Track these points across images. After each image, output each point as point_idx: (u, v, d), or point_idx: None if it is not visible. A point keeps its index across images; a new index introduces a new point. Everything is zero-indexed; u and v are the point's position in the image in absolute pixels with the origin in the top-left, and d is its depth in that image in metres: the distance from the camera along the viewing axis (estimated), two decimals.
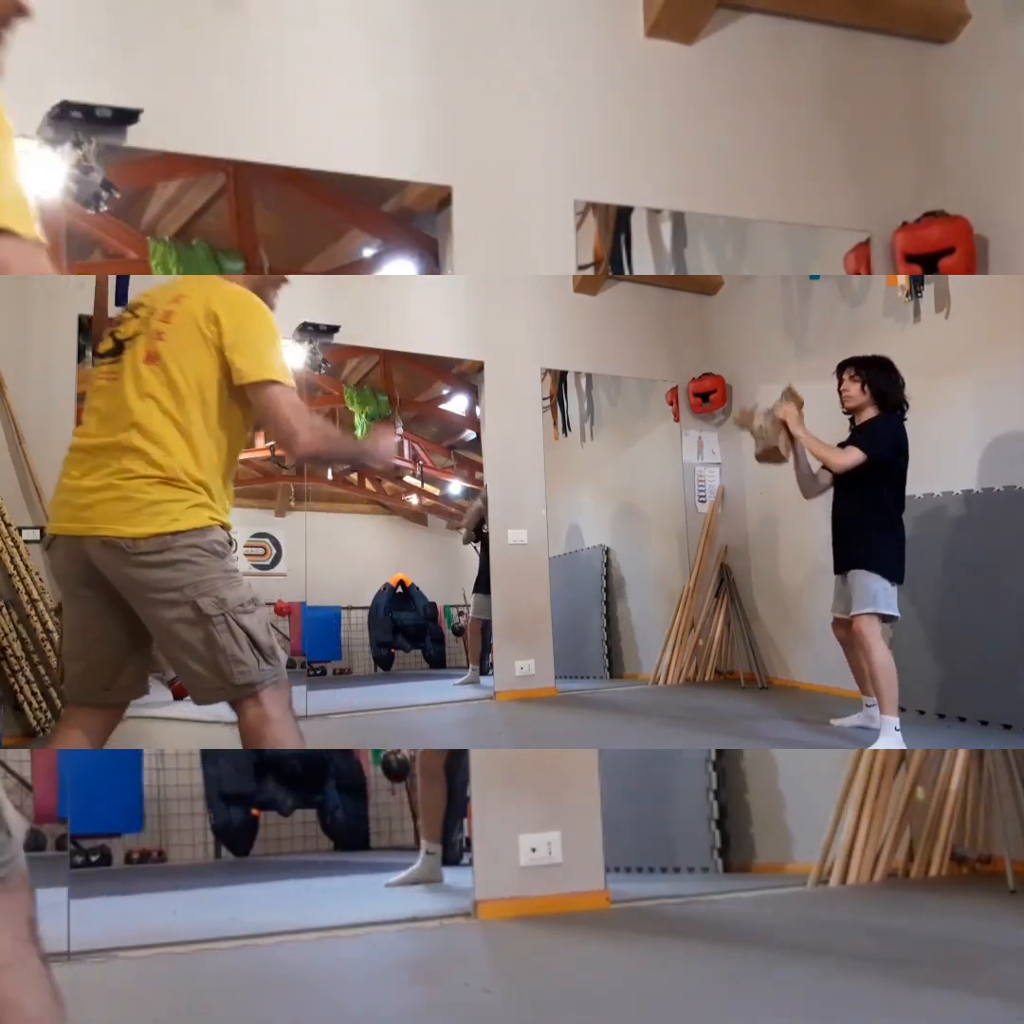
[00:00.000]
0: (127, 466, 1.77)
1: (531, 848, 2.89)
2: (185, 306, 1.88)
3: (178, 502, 1.77)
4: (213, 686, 1.77)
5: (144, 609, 1.79)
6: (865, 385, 3.29)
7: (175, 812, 5.28)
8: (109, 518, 1.75)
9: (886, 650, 3.11)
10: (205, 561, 1.76)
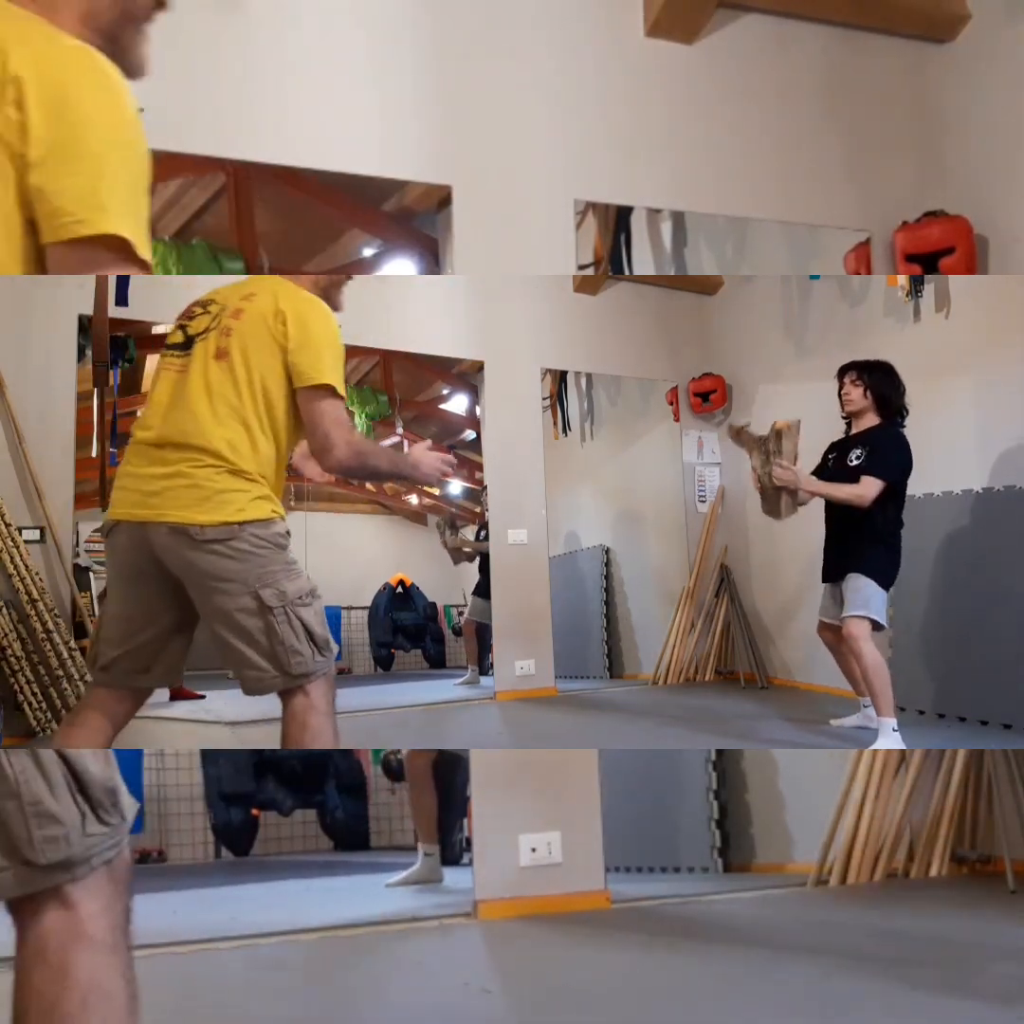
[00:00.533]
0: (195, 456, 1.80)
1: (531, 848, 2.89)
2: (255, 304, 1.91)
3: (244, 492, 1.81)
4: (268, 675, 1.80)
5: (204, 597, 1.82)
6: (867, 390, 3.28)
7: (175, 812, 5.29)
8: (178, 505, 1.78)
9: (876, 652, 3.10)
10: (268, 553, 1.81)
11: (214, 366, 1.87)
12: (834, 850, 3.33)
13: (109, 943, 0.95)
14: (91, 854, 0.95)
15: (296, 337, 1.87)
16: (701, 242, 3.61)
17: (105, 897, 0.96)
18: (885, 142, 3.57)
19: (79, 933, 0.93)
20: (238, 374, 1.85)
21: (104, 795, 0.97)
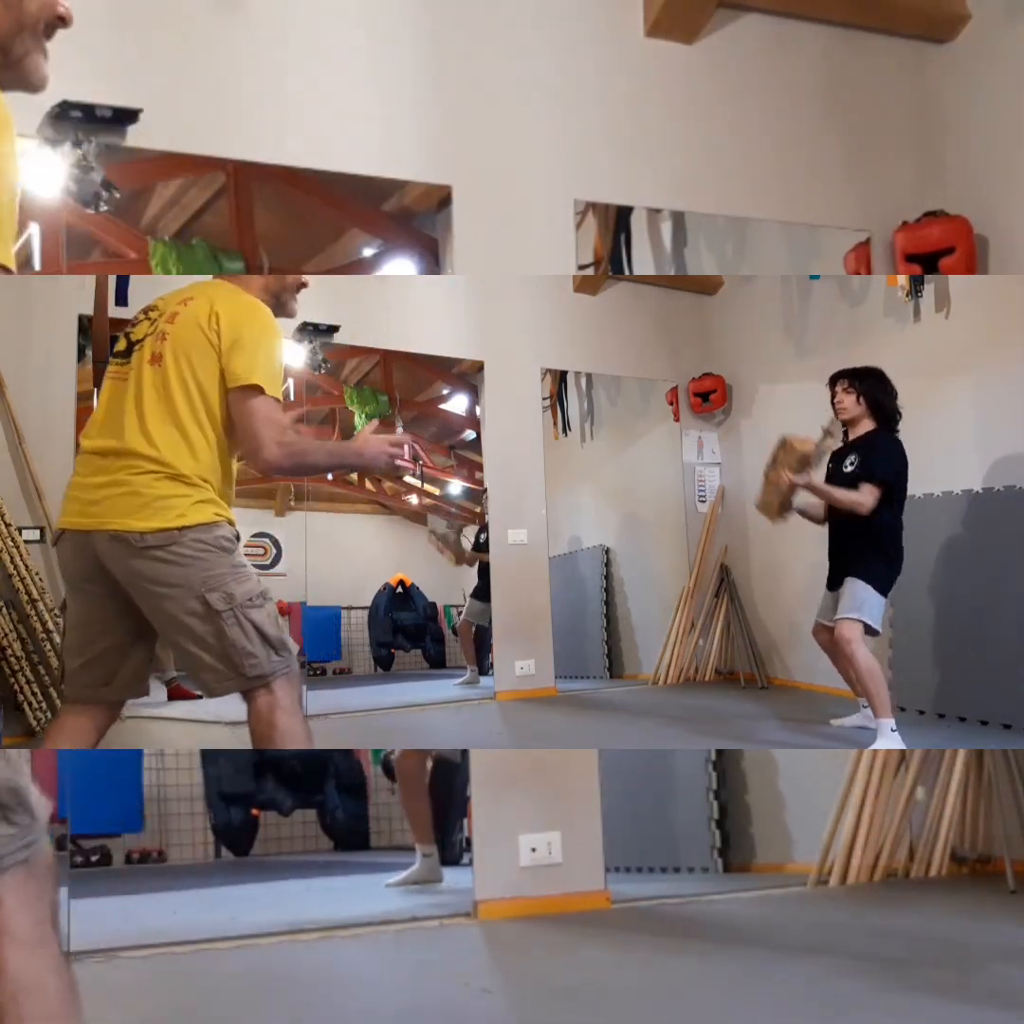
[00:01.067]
0: (133, 463, 1.79)
1: (531, 848, 2.89)
2: (190, 308, 1.90)
3: (184, 497, 1.79)
4: (224, 677, 1.78)
5: (150, 603, 1.80)
6: (860, 397, 3.28)
7: (175, 812, 5.28)
8: (117, 512, 1.77)
9: (869, 654, 3.10)
10: (212, 557, 1.78)
11: (148, 371, 1.85)
12: (834, 850, 3.33)
13: (34, 938, 0.95)
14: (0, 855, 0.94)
15: (228, 338, 1.84)
16: (701, 242, 3.61)
17: (26, 894, 0.95)
18: (885, 142, 3.57)
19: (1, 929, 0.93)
20: (171, 377, 1.83)
21: (6, 795, 0.96)
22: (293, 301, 2.10)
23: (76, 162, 2.58)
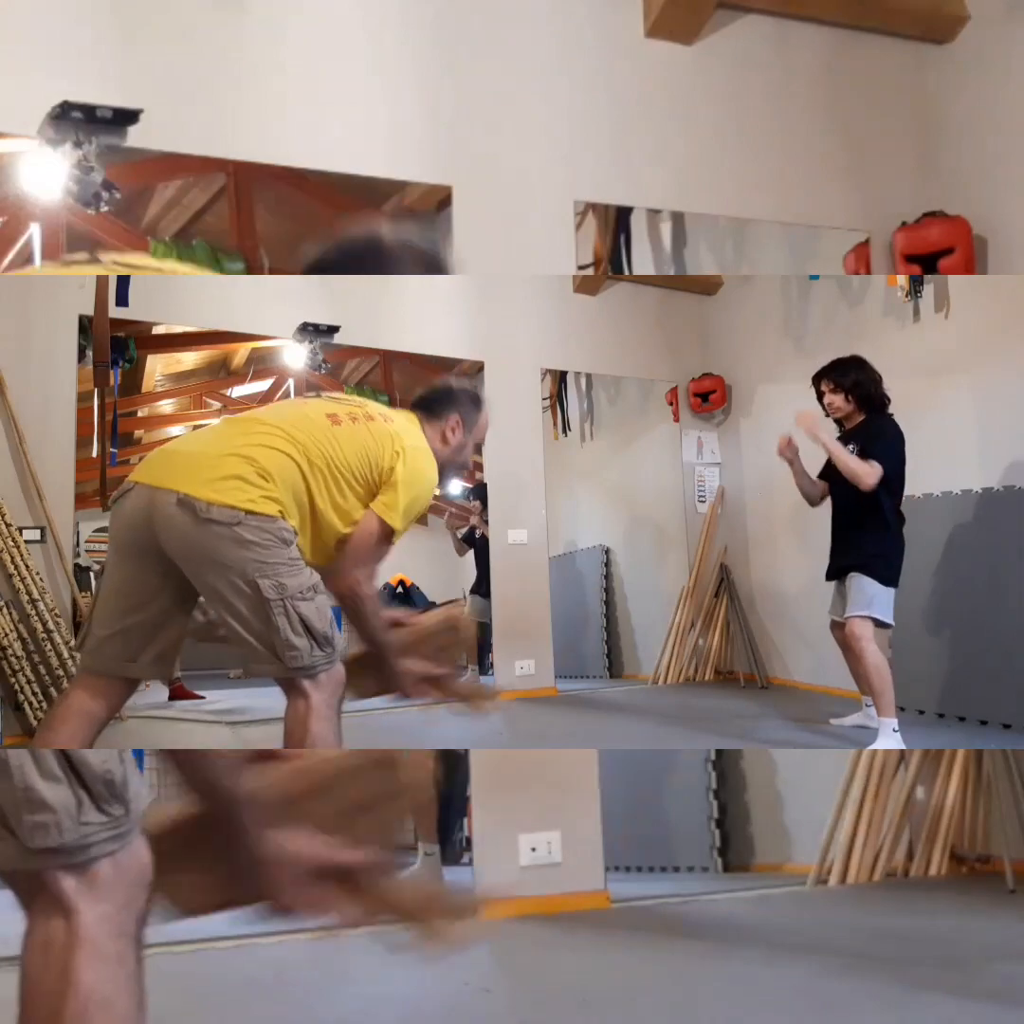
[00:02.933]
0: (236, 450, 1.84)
1: (531, 848, 2.90)
2: (388, 426, 2.04)
3: (259, 488, 1.82)
4: (265, 660, 1.79)
5: (200, 576, 1.80)
6: (847, 393, 3.28)
7: None
8: (191, 479, 1.79)
9: (878, 652, 3.10)
10: (271, 546, 1.80)
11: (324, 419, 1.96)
12: (833, 850, 3.33)
13: (113, 953, 0.95)
14: (88, 842, 0.94)
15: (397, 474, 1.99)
16: (701, 242, 3.62)
17: (111, 901, 0.95)
18: (885, 142, 3.57)
19: (80, 939, 0.92)
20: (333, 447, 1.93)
21: (102, 786, 0.96)
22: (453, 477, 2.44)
23: (77, 163, 2.58)
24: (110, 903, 0.95)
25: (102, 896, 0.95)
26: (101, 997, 0.93)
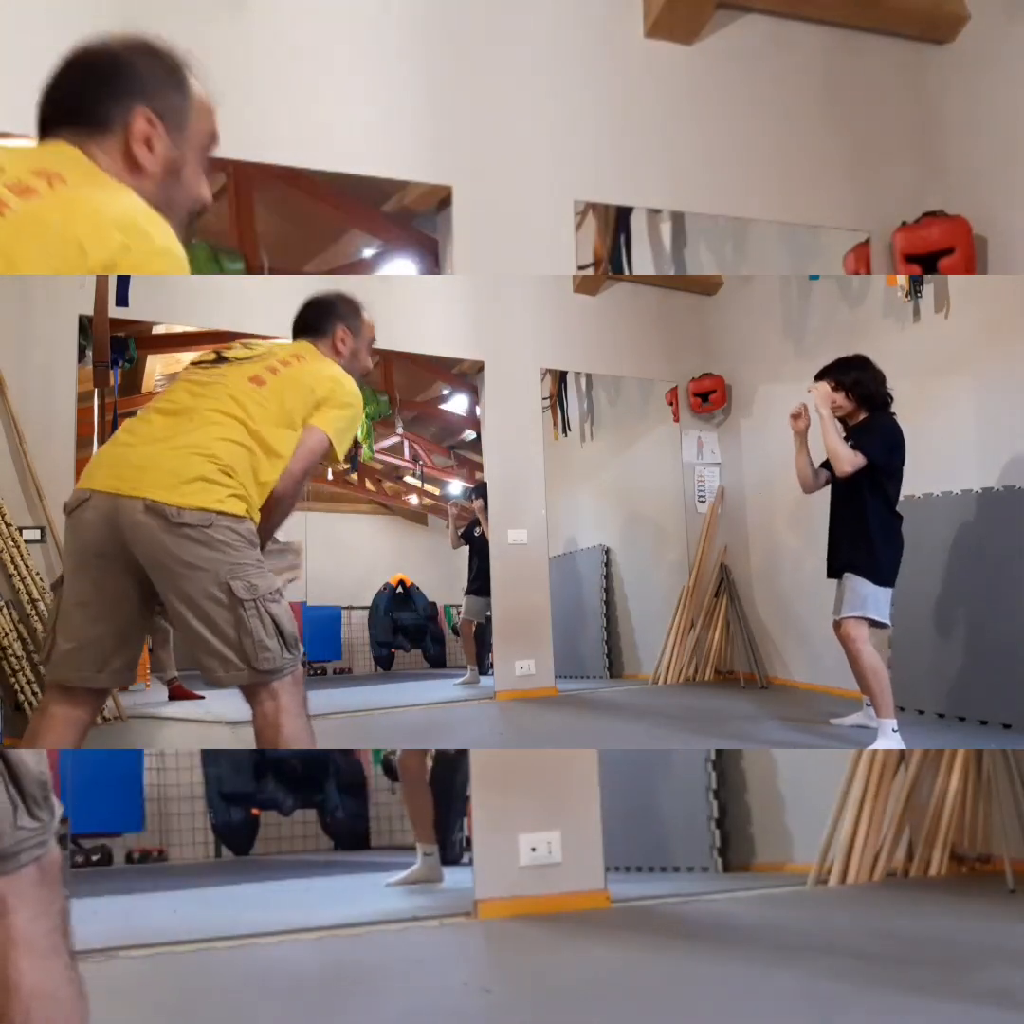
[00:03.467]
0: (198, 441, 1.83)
1: (531, 848, 2.90)
2: (304, 366, 2.06)
3: (225, 487, 1.81)
4: (234, 667, 1.78)
5: (171, 582, 1.78)
6: (848, 392, 3.27)
7: (175, 812, 5.29)
8: (158, 483, 1.76)
9: (874, 653, 3.10)
10: (241, 547, 1.80)
11: (245, 386, 1.94)
12: (834, 850, 3.33)
13: (48, 946, 0.95)
14: (20, 849, 0.94)
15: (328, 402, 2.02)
16: (701, 242, 3.62)
17: (39, 901, 0.95)
18: (884, 142, 3.57)
19: (16, 940, 0.92)
20: (271, 401, 1.94)
21: (36, 788, 0.96)
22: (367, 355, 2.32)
23: None
24: (38, 903, 0.95)
25: (30, 896, 0.95)
26: (44, 992, 0.93)
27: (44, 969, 0.94)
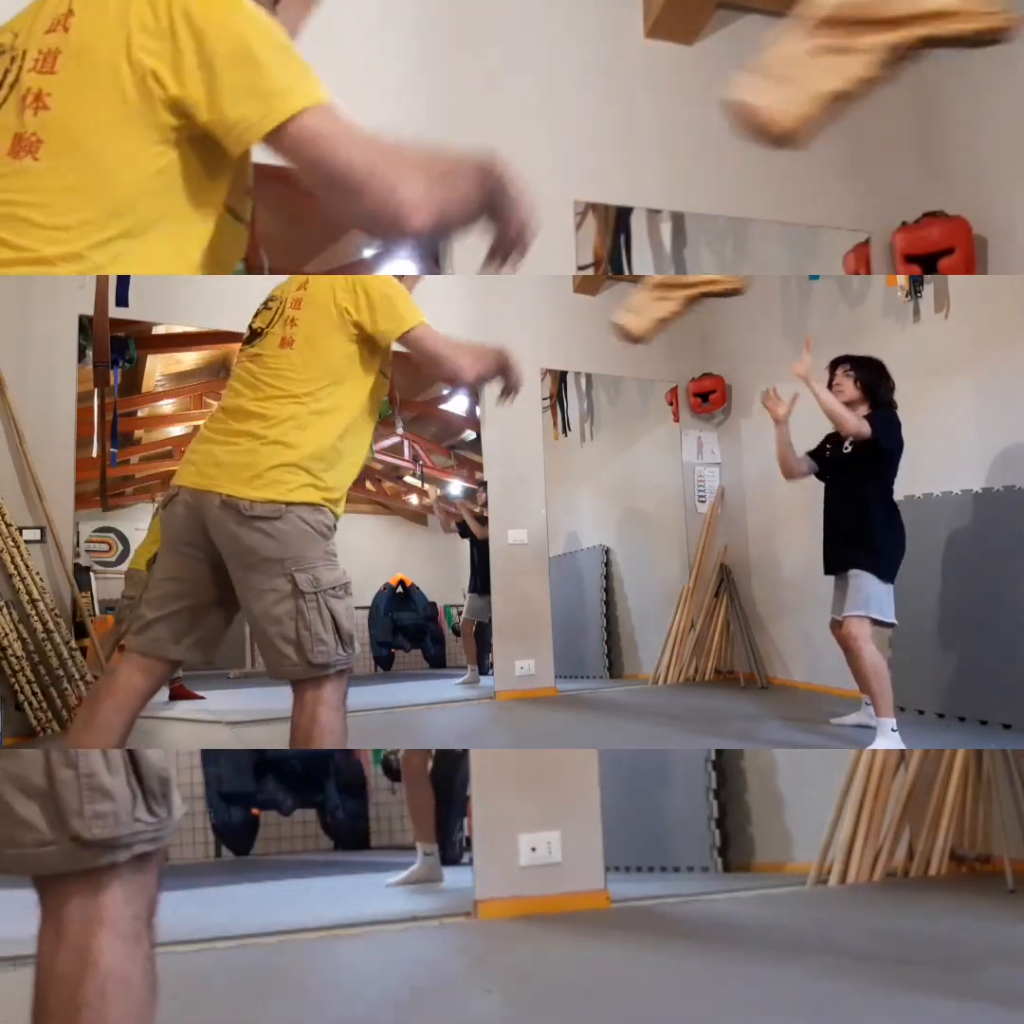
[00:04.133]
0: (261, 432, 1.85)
1: (531, 848, 2.90)
2: (312, 291, 1.98)
3: (296, 476, 1.84)
4: (289, 662, 1.83)
5: (242, 572, 1.84)
6: (858, 382, 3.29)
7: None
8: (233, 478, 1.82)
9: (876, 652, 3.10)
10: (309, 538, 1.84)
11: (280, 355, 1.93)
12: (833, 850, 3.33)
13: (131, 932, 0.96)
14: (134, 840, 0.95)
15: (364, 306, 1.95)
16: (701, 242, 3.62)
17: (132, 886, 0.97)
18: (885, 143, 3.57)
19: (102, 919, 0.94)
20: (306, 360, 1.91)
21: (157, 784, 0.98)
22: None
23: None
24: (129, 887, 0.97)
25: (123, 880, 0.96)
26: (120, 975, 0.94)
27: (124, 952, 0.95)
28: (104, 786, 0.93)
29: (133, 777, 0.96)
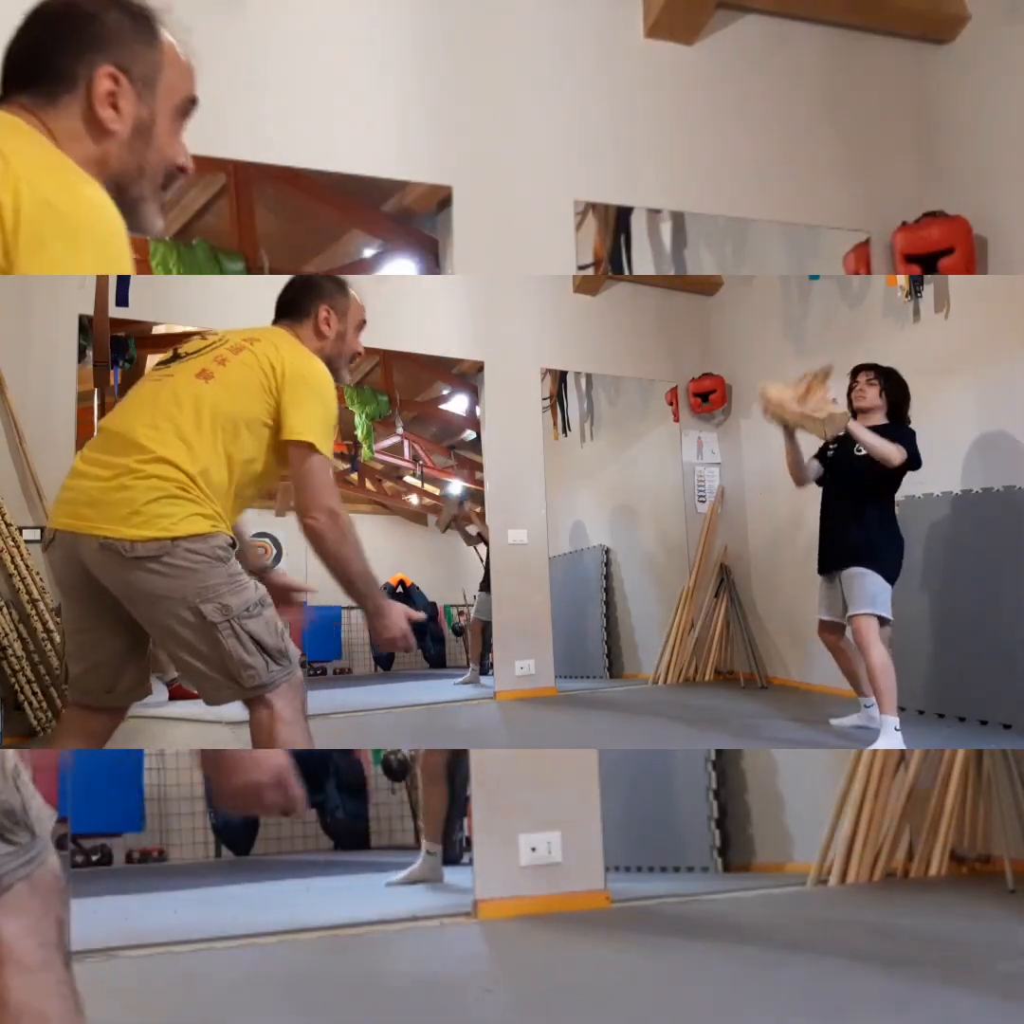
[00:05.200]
0: (136, 466, 1.72)
1: (531, 848, 2.90)
2: (257, 349, 1.88)
3: (180, 508, 1.72)
4: (222, 686, 1.74)
5: (143, 613, 1.75)
6: (883, 392, 3.31)
7: (175, 812, 5.29)
8: (109, 518, 1.70)
9: (884, 650, 3.10)
10: (206, 567, 1.71)
11: (190, 383, 1.83)
12: (834, 850, 3.33)
13: (38, 962, 0.93)
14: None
15: (291, 391, 1.84)
16: (701, 242, 3.62)
17: (29, 915, 0.94)
18: (885, 142, 3.57)
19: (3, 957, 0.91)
20: (212, 399, 1.80)
21: (2, 817, 0.94)
22: (346, 370, 2.10)
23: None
24: (28, 916, 0.94)
25: (19, 912, 0.93)
26: (33, 1009, 0.92)
27: (34, 985, 0.92)
28: None
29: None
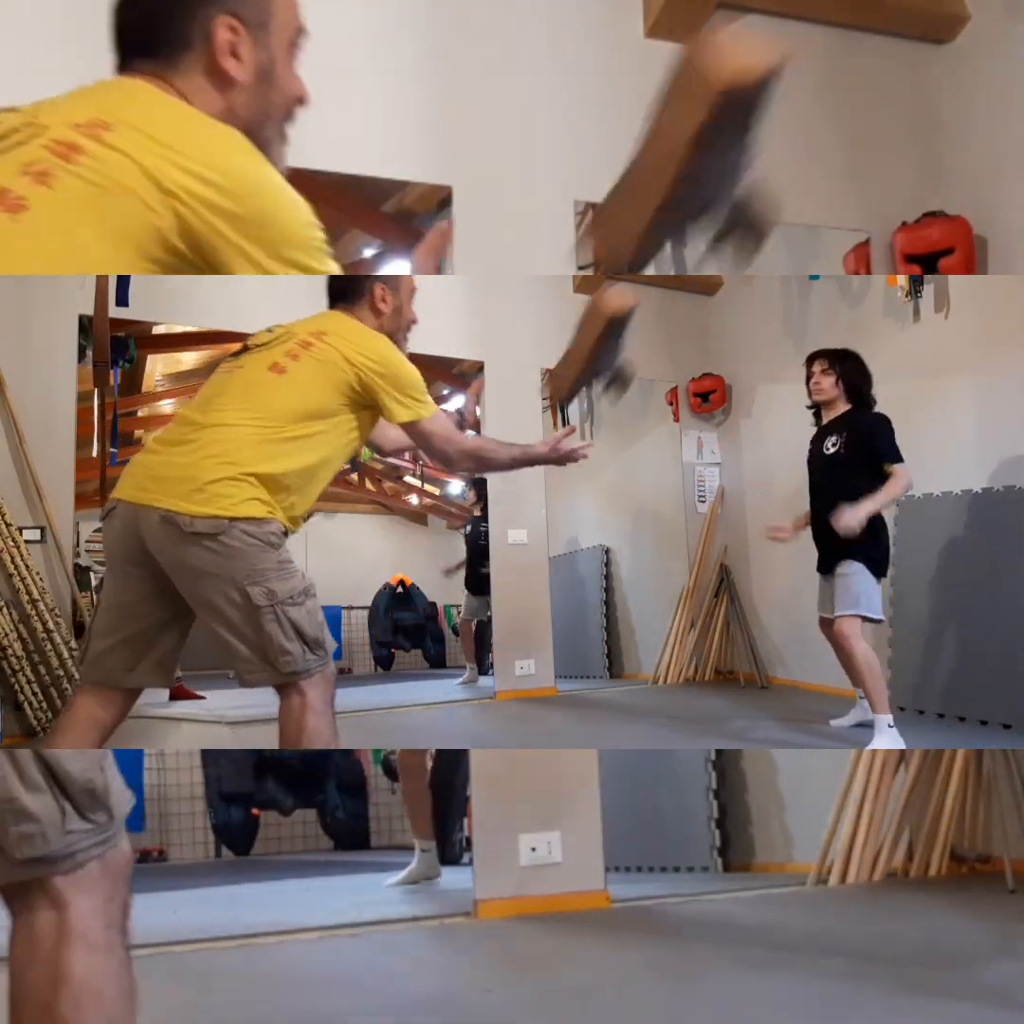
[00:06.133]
0: (202, 448, 1.80)
1: (531, 848, 2.90)
2: (328, 343, 1.94)
3: (239, 491, 1.78)
4: (258, 668, 1.79)
5: (191, 589, 1.81)
6: (839, 379, 3.29)
7: (175, 812, 5.29)
8: (172, 493, 1.76)
9: (868, 649, 3.10)
10: (259, 551, 1.78)
11: (263, 376, 1.89)
12: (834, 850, 3.33)
13: (103, 942, 0.96)
14: (74, 850, 0.95)
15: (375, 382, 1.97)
16: (701, 242, 3.61)
17: (99, 895, 0.96)
18: (885, 142, 3.57)
19: (72, 932, 0.94)
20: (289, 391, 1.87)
21: (84, 795, 0.96)
22: (405, 341, 2.24)
23: None
24: (98, 896, 0.96)
25: (90, 891, 0.96)
26: (93, 987, 0.94)
27: (96, 963, 0.95)
28: (26, 809, 0.92)
29: (58, 791, 0.94)
